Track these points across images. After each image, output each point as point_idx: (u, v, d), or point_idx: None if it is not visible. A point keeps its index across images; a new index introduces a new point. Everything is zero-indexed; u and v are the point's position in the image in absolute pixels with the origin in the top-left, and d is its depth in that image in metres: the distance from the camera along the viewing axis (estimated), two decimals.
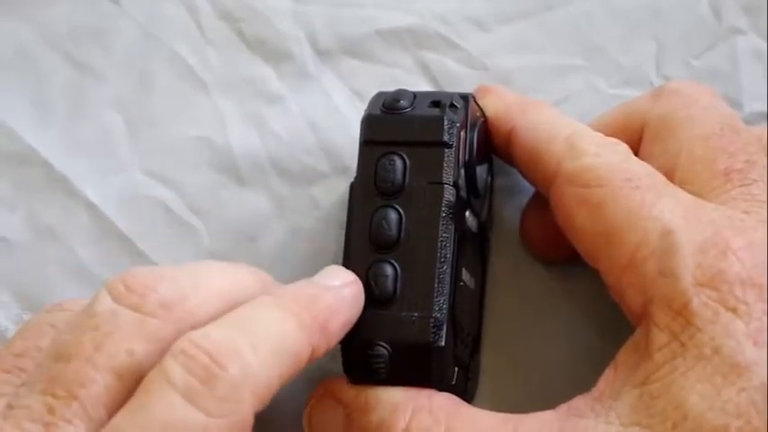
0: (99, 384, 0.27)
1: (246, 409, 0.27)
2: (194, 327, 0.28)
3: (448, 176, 0.32)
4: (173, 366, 0.27)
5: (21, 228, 0.38)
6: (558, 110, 0.35)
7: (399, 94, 0.33)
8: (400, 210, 0.32)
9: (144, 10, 0.39)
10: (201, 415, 0.27)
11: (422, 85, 0.39)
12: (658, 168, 0.32)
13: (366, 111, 0.33)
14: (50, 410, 0.27)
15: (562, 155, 0.32)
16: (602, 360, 0.30)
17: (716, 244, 0.28)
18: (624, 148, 0.32)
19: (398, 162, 0.32)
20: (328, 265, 0.32)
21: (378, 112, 0.33)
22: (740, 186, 0.31)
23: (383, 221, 0.32)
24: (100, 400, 0.27)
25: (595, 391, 0.29)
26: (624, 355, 0.30)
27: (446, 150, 0.32)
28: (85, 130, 0.39)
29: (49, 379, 0.28)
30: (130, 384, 0.28)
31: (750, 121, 0.38)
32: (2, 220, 0.38)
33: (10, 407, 0.28)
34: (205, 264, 0.32)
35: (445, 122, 0.32)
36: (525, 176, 0.35)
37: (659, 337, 0.28)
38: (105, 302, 0.29)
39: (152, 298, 0.28)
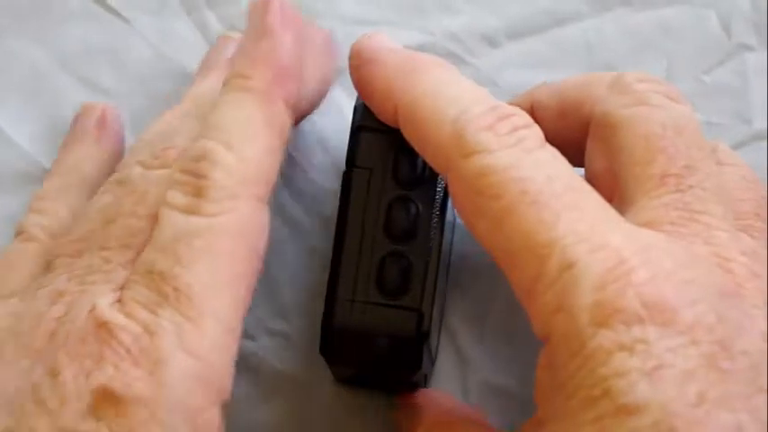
0: (147, 233, 0.30)
1: (245, 201, 0.29)
2: None
3: None
4: (172, 195, 0.30)
5: None
6: (452, 68, 0.32)
7: None
8: (416, 201, 0.32)
9: (155, 29, 0.39)
10: (203, 218, 0.29)
11: None
12: (601, 169, 0.30)
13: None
14: (107, 260, 0.30)
15: (450, 148, 0.29)
16: None
17: (617, 278, 0.26)
18: (523, 133, 0.29)
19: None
20: None
21: None
22: (675, 192, 0.29)
23: (401, 212, 0.32)
24: None
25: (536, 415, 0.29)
26: (540, 373, 0.28)
27: None
28: None
29: (101, 239, 0.30)
30: None
31: (758, 137, 0.38)
32: None
33: (72, 271, 0.30)
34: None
35: None
36: None
37: (558, 373, 0.27)
38: (135, 170, 0.32)
39: (173, 152, 0.31)
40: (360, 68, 0.32)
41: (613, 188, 0.30)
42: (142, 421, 0.27)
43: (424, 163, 0.32)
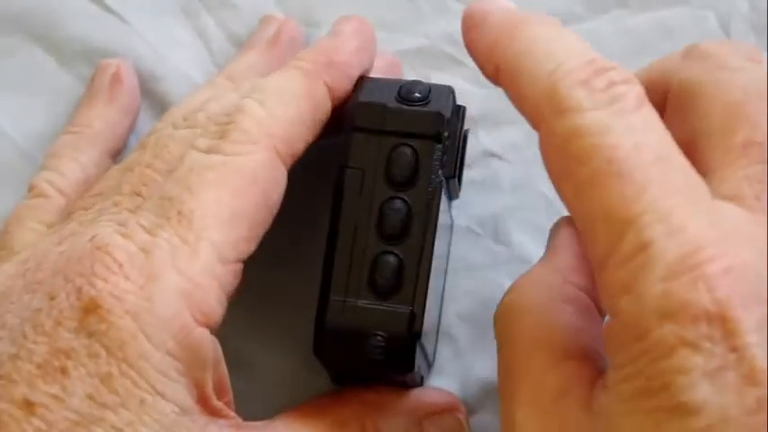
0: (159, 182, 0.31)
1: (264, 150, 0.31)
2: None
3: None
4: (199, 141, 0.31)
5: None
6: (556, 24, 0.31)
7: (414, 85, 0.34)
8: (409, 202, 0.32)
9: (154, 31, 0.40)
10: (219, 156, 0.31)
11: None
12: (678, 140, 0.28)
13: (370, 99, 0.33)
14: (116, 204, 0.31)
15: (543, 104, 0.28)
16: None
17: (690, 268, 0.25)
18: (620, 90, 0.27)
19: (411, 154, 0.32)
20: None
21: (393, 102, 0.33)
22: (757, 164, 0.27)
23: (393, 213, 0.32)
24: None
25: None
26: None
27: (437, 145, 0.32)
28: None
29: (116, 185, 0.32)
30: None
31: None
32: None
33: (85, 217, 0.32)
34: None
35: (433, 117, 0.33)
36: None
37: (618, 351, 0.26)
38: (164, 130, 0.33)
39: (202, 115, 0.33)
40: (468, 32, 0.32)
41: (691, 161, 0.28)
42: (132, 335, 0.28)
43: (417, 164, 0.32)
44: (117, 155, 0.38)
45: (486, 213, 0.38)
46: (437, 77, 0.39)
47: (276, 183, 0.32)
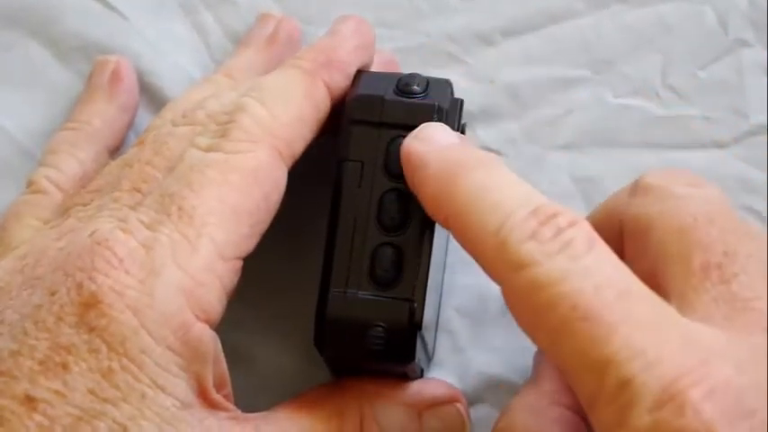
0: (160, 182, 0.31)
1: (265, 149, 0.31)
2: None
3: None
4: (199, 139, 0.32)
5: None
6: (495, 167, 0.30)
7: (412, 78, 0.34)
8: (407, 193, 0.32)
9: (153, 27, 0.40)
10: (219, 154, 0.31)
11: None
12: (640, 272, 0.28)
13: (367, 91, 0.33)
14: (115, 200, 0.31)
15: (497, 261, 0.28)
16: None
17: (673, 397, 0.25)
18: (569, 235, 0.28)
19: None
20: None
21: (391, 95, 0.33)
22: (720, 284, 0.28)
23: (393, 204, 0.32)
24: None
25: None
26: None
27: None
28: None
29: (115, 183, 0.32)
30: None
31: (754, 132, 0.38)
32: None
33: (84, 212, 0.32)
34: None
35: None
36: None
37: None
38: (163, 127, 0.33)
39: (201, 113, 0.33)
40: (411, 176, 0.32)
41: (656, 291, 0.28)
42: (133, 329, 0.28)
43: None
44: (115, 151, 0.38)
45: None
46: (436, 75, 0.39)
47: (276, 182, 0.32)
